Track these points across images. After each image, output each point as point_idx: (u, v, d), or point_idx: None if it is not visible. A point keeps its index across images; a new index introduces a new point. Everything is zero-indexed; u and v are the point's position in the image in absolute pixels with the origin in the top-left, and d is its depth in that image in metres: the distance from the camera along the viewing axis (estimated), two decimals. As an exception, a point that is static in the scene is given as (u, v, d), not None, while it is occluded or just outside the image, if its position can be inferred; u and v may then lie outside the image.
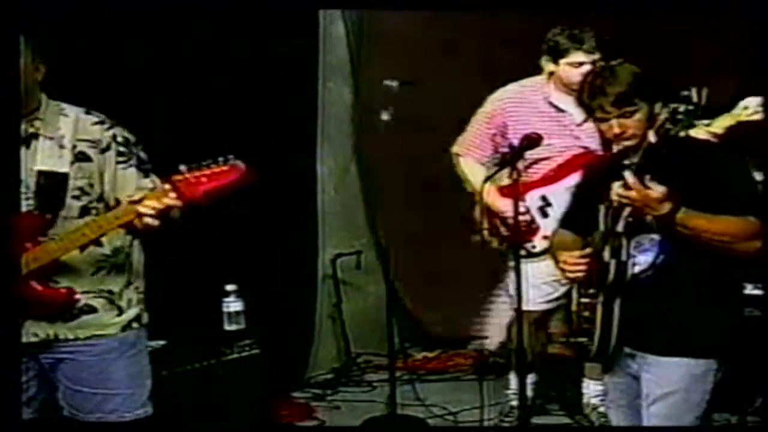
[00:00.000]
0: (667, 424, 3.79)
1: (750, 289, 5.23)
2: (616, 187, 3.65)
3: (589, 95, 3.77)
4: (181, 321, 5.34)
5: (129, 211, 3.72)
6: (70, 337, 3.89)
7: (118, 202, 3.83)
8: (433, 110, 6.58)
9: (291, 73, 6.46)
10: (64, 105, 3.91)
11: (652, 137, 3.66)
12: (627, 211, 3.71)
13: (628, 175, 3.62)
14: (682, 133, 3.70)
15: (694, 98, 3.62)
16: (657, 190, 3.61)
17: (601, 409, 5.44)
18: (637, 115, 3.73)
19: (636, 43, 5.37)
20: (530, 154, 5.12)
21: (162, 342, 5.17)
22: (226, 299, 5.61)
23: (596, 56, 5.21)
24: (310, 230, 6.84)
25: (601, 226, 3.79)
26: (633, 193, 3.63)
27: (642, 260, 3.76)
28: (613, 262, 3.75)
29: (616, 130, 3.74)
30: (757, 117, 4.87)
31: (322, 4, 6.63)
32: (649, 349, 3.80)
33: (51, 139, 3.83)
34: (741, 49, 5.93)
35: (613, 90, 3.72)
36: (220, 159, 3.67)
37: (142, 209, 3.68)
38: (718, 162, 3.78)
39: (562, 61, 5.31)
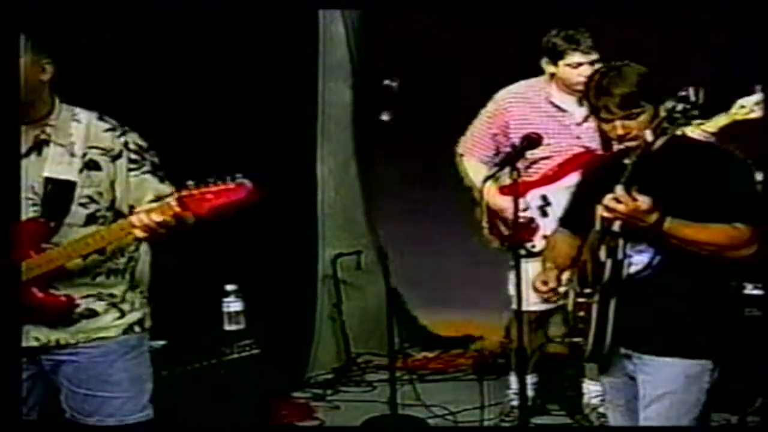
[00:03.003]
0: (663, 425, 3.79)
1: (750, 289, 5.23)
2: (605, 200, 3.65)
3: (594, 95, 3.75)
4: (181, 321, 5.34)
5: (131, 223, 3.72)
6: (72, 342, 3.88)
7: (132, 209, 3.82)
8: (435, 110, 6.59)
9: (291, 73, 6.46)
10: (77, 110, 3.88)
11: (648, 136, 3.66)
12: (616, 224, 3.70)
13: (618, 188, 3.62)
14: (678, 132, 3.70)
15: (692, 97, 3.62)
16: (645, 201, 3.61)
17: (601, 409, 5.44)
18: (642, 117, 3.71)
19: (633, 44, 5.40)
20: (531, 154, 5.14)
21: (162, 342, 5.17)
22: (226, 299, 5.60)
23: (594, 56, 5.24)
24: (310, 230, 6.84)
25: (597, 225, 3.79)
26: (622, 206, 3.62)
27: (638, 260, 3.76)
28: (609, 262, 3.75)
29: (620, 132, 3.73)
30: (753, 116, 4.87)
31: (322, 4, 6.63)
32: (645, 350, 3.80)
33: (62, 146, 3.82)
34: (736, 49, 5.94)
35: (620, 91, 3.71)
36: (228, 177, 3.68)
37: (134, 221, 3.68)
38: (714, 163, 3.78)
39: (561, 62, 5.33)
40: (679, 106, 3.61)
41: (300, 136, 6.72)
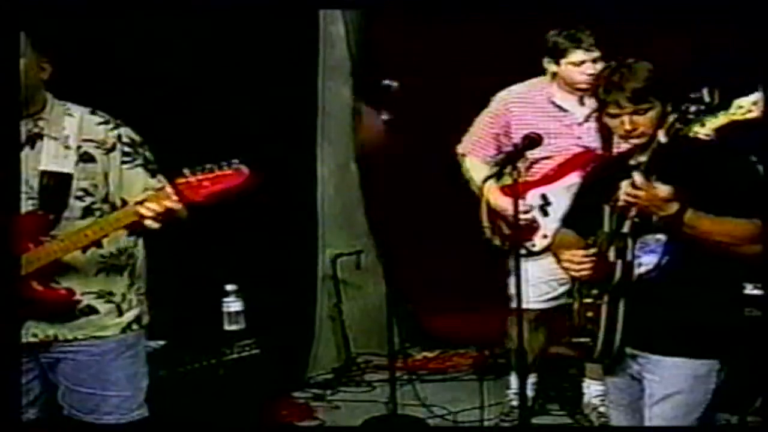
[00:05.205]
0: (669, 424, 3.79)
1: (750, 289, 5.22)
2: (624, 187, 3.66)
3: (605, 90, 3.78)
4: (181, 321, 5.34)
5: (130, 213, 3.73)
6: (70, 337, 3.90)
7: (124, 202, 3.84)
8: (436, 110, 6.59)
9: (291, 73, 6.45)
10: (69, 105, 3.91)
11: (662, 137, 3.66)
12: (633, 211, 3.71)
13: (637, 175, 3.63)
14: (691, 134, 3.71)
15: (706, 98, 3.62)
16: (664, 189, 3.62)
17: (602, 409, 5.45)
18: (650, 113, 3.74)
19: (636, 43, 5.40)
20: (532, 154, 5.14)
21: (162, 342, 5.17)
22: (226, 299, 5.61)
23: (596, 54, 5.25)
24: (310, 230, 6.84)
25: (606, 227, 3.79)
26: (641, 193, 3.63)
27: (647, 261, 3.77)
28: (618, 263, 3.75)
29: (627, 127, 3.75)
30: (752, 116, 4.87)
31: (322, 4, 6.63)
32: (653, 350, 3.80)
33: (56, 139, 3.84)
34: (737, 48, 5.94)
35: (631, 85, 3.73)
36: (224, 163, 3.69)
37: (143, 211, 3.69)
38: (726, 163, 3.78)
39: (563, 61, 5.33)
40: (693, 107, 3.62)
41: (300, 136, 6.72)
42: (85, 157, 3.84)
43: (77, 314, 3.88)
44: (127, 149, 3.88)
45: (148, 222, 3.70)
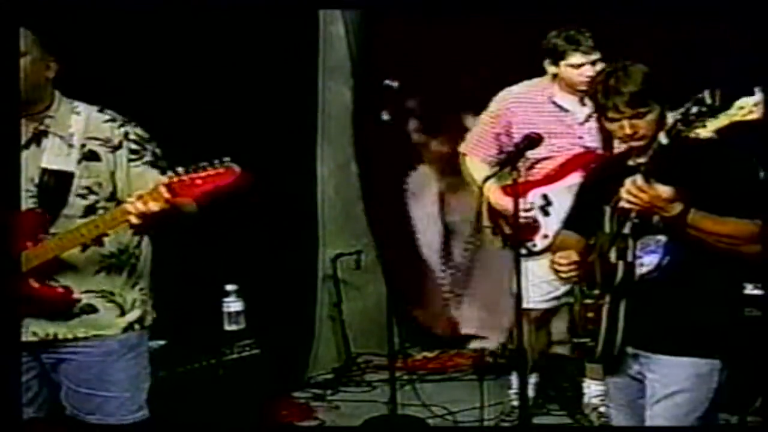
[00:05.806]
0: (670, 423, 3.79)
1: (750, 289, 5.23)
2: (626, 189, 3.65)
3: (603, 94, 3.76)
4: (181, 321, 5.34)
5: (124, 211, 3.73)
6: (69, 336, 3.89)
7: None
8: (436, 110, 6.59)
9: (291, 73, 6.46)
10: (77, 103, 3.91)
11: (663, 139, 3.66)
12: (634, 212, 3.71)
13: (638, 177, 3.62)
14: (692, 135, 3.71)
15: (708, 100, 3.62)
16: (667, 190, 3.62)
17: (602, 409, 5.45)
18: (650, 116, 3.73)
19: (633, 44, 5.41)
20: (533, 154, 5.14)
21: (162, 342, 5.17)
22: (226, 299, 5.61)
23: (595, 56, 5.24)
24: (310, 230, 6.84)
25: (607, 228, 3.79)
26: (644, 195, 3.62)
27: (648, 261, 3.76)
28: (620, 264, 3.75)
29: (628, 131, 3.74)
30: (753, 117, 4.87)
31: (322, 4, 6.63)
32: (655, 349, 3.80)
33: (61, 137, 3.84)
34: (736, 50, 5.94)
35: (628, 89, 3.72)
36: (216, 161, 3.69)
37: (128, 208, 3.68)
38: (726, 164, 3.78)
39: (562, 63, 5.33)
40: (695, 109, 3.61)
41: (300, 136, 6.72)
42: (90, 156, 3.84)
43: (76, 312, 3.88)
44: (134, 147, 3.88)
45: (132, 219, 3.69)
